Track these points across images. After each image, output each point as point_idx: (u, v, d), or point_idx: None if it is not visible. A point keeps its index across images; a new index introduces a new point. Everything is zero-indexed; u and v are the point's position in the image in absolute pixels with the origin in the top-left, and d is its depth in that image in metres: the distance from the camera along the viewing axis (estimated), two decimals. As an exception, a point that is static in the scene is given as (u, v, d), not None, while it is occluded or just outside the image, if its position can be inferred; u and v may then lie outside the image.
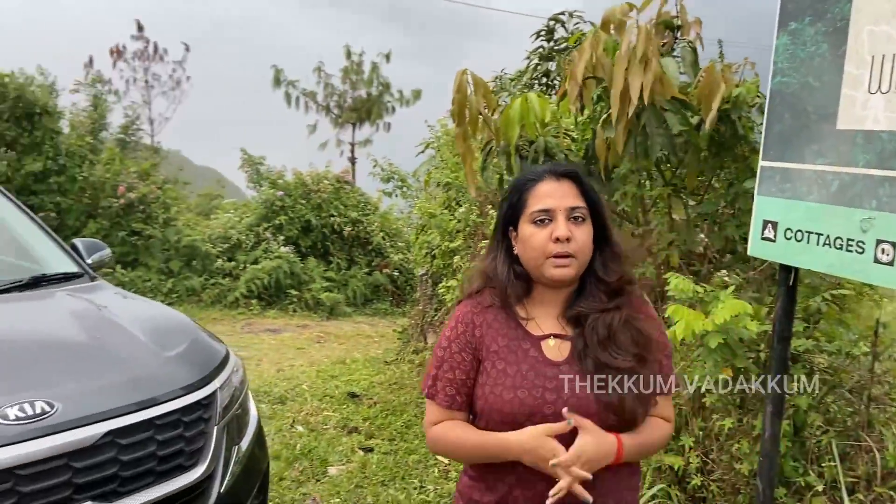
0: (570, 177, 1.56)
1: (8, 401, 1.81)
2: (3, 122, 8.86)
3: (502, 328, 1.56)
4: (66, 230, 9.83)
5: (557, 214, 1.50)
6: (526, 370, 1.50)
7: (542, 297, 1.58)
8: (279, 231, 11.30)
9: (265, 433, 4.82)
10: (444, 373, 1.57)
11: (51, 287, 2.80)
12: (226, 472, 2.25)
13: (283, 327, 9.73)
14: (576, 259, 1.50)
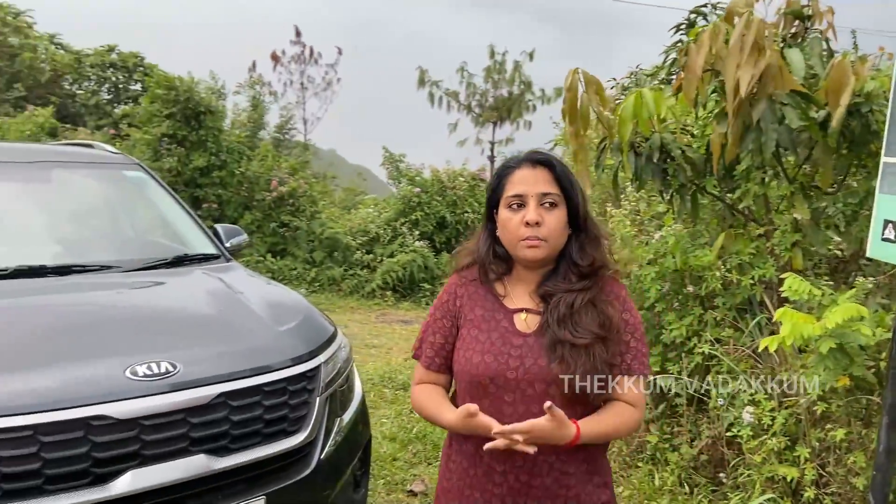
0: (545, 164, 1.65)
1: (139, 360, 2.09)
2: (175, 121, 9.85)
3: (481, 300, 1.70)
4: (225, 220, 10.76)
5: (529, 200, 1.61)
6: (495, 338, 1.63)
7: (520, 275, 1.70)
8: (415, 226, 11.67)
9: (387, 416, 5.12)
10: (428, 336, 1.75)
11: (191, 266, 3.14)
12: (327, 440, 2.44)
13: (415, 319, 10.05)
14: (546, 242, 1.61)
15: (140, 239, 3.44)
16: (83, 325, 2.31)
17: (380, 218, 11.78)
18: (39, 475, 1.84)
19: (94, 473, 1.91)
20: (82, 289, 2.68)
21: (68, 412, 1.89)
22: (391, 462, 4.26)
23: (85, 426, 1.91)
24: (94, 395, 1.95)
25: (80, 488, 1.89)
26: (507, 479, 1.61)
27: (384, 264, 11.06)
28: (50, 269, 2.76)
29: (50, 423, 1.86)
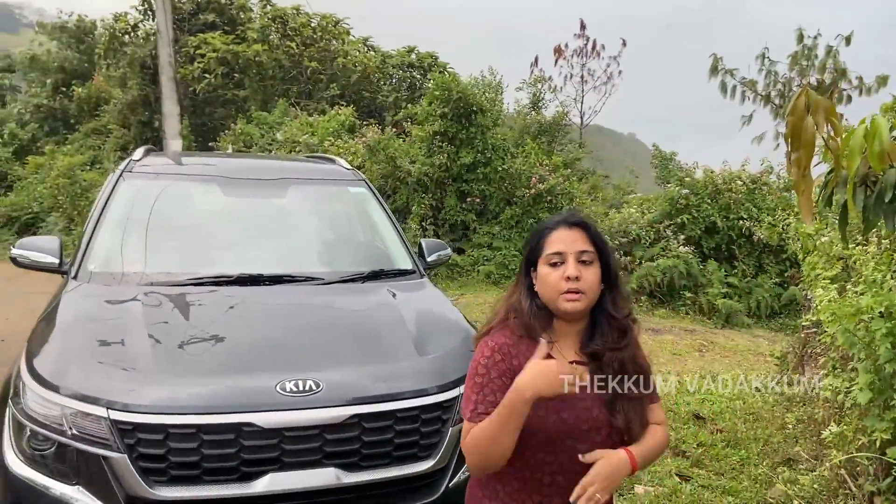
0: (580, 225, 1.80)
1: (290, 376, 2.39)
2: (447, 120, 10.59)
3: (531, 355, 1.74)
4: (487, 214, 11.34)
5: (568, 257, 1.75)
6: (564, 395, 1.66)
7: (562, 329, 1.80)
8: (680, 230, 11.06)
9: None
10: (486, 397, 1.75)
11: (381, 281, 3.44)
12: (458, 468, 2.54)
13: (668, 329, 9.58)
14: (584, 294, 1.74)
15: (349, 252, 3.84)
16: (259, 336, 2.70)
17: (643, 219, 11.38)
18: (198, 467, 2.23)
19: (241, 472, 2.26)
20: (277, 300, 3.11)
21: (225, 417, 2.25)
22: (580, 487, 4.19)
23: (236, 431, 2.26)
24: (248, 405, 2.29)
25: (229, 483, 2.25)
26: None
27: (642, 268, 10.69)
28: (266, 278, 3.25)
29: (209, 424, 2.24)
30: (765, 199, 11.26)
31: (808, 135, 3.13)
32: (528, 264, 1.83)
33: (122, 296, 2.95)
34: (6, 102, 29.70)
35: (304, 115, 13.07)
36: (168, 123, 11.61)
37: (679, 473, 4.49)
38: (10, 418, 2.38)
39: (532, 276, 1.82)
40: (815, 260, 5.71)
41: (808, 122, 3.12)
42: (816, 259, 5.60)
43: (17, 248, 3.36)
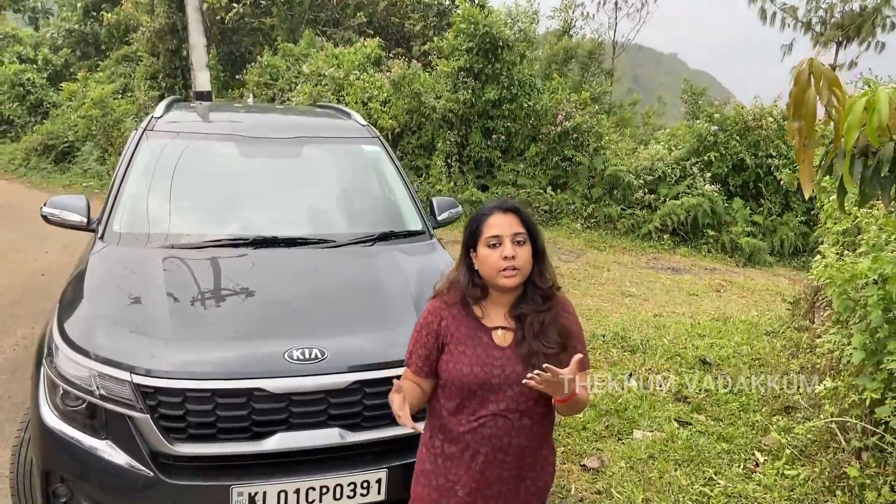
0: (513, 211, 2.08)
1: (297, 344, 2.59)
2: (473, 55, 10.45)
3: (464, 320, 2.11)
4: (512, 151, 11.32)
5: (504, 239, 2.03)
6: (479, 352, 2.05)
7: (495, 299, 2.12)
8: (707, 167, 10.95)
9: (602, 380, 5.21)
10: (417, 349, 2.14)
11: (391, 242, 3.58)
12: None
13: (688, 268, 9.65)
14: (519, 271, 2.03)
15: (361, 213, 3.96)
16: (270, 302, 2.90)
17: (670, 156, 11.26)
18: (214, 427, 2.47)
19: (252, 431, 2.49)
20: (299, 261, 3.30)
21: (237, 382, 2.48)
22: (579, 431, 4.39)
23: (248, 395, 2.48)
24: (258, 372, 2.50)
25: (242, 441, 2.49)
26: (488, 456, 2.07)
27: (666, 206, 10.66)
28: (281, 241, 3.42)
29: (223, 389, 2.46)
30: (796, 136, 11.02)
31: (809, 106, 3.15)
32: (468, 246, 2.12)
33: (144, 258, 3.15)
34: (39, 26, 29.76)
35: (330, 47, 12.96)
36: (195, 55, 11.67)
37: (678, 419, 4.68)
38: (45, 376, 2.64)
39: (472, 257, 2.11)
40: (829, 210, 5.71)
41: (811, 93, 3.13)
42: (829, 211, 5.61)
43: (47, 206, 3.58)
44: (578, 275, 8.61)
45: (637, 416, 4.65)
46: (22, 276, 7.10)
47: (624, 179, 10.74)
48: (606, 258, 9.65)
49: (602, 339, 6.12)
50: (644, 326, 6.61)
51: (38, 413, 2.58)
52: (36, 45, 22.86)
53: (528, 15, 12.28)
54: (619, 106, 13.24)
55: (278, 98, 12.47)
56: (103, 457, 2.45)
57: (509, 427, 2.06)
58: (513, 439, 2.07)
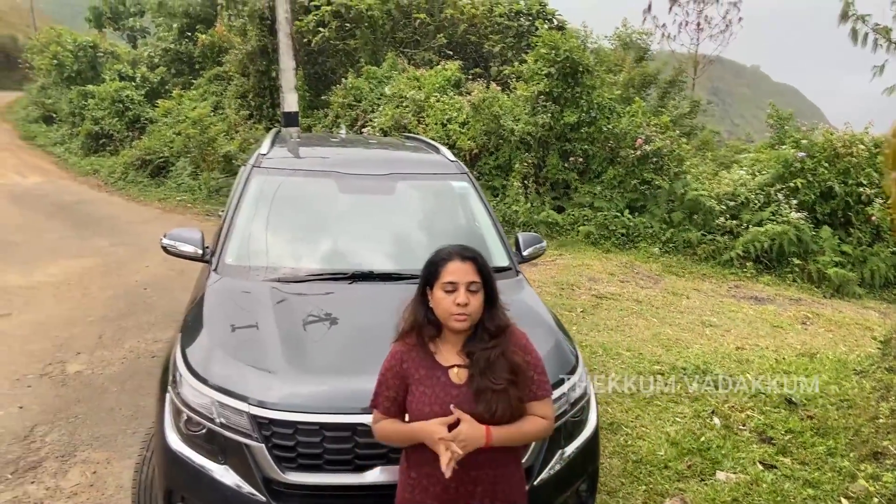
0: (471, 259, 2.26)
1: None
2: (553, 80, 10.54)
3: (423, 362, 2.29)
4: (589, 173, 11.32)
5: (460, 287, 2.21)
6: (438, 391, 2.23)
7: (448, 337, 2.30)
8: (793, 194, 10.65)
9: (682, 416, 5.18)
10: (383, 391, 2.33)
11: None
12: (542, 468, 2.84)
13: (772, 297, 9.39)
14: (470, 316, 2.22)
15: (450, 249, 4.13)
16: (371, 338, 3.06)
17: (753, 181, 11.00)
18: (321, 458, 2.65)
19: (355, 464, 2.66)
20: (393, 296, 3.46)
21: (343, 417, 2.65)
22: (661, 469, 4.40)
23: (352, 429, 2.65)
24: (361, 408, 2.67)
25: (345, 472, 2.66)
26: (459, 489, 2.24)
27: (749, 232, 10.42)
28: (378, 275, 3.61)
29: (330, 423, 2.64)
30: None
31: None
32: (425, 284, 2.31)
33: (254, 291, 3.40)
34: (137, 45, 31.56)
35: (412, 69, 13.29)
36: (284, 77, 12.17)
37: (763, 461, 4.62)
38: (170, 402, 2.89)
39: (428, 295, 2.30)
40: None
41: (912, 148, 3.13)
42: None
43: (167, 238, 3.88)
44: (656, 302, 8.53)
45: (720, 457, 4.60)
46: (127, 288, 7.60)
47: (705, 204, 10.57)
48: (685, 285, 9.51)
49: (683, 371, 6.07)
50: (726, 360, 6.51)
51: (162, 436, 2.83)
52: (133, 62, 24.26)
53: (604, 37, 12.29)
54: (700, 129, 13.03)
55: (360, 118, 12.87)
56: (221, 480, 2.67)
57: (474, 460, 2.20)
58: (480, 471, 2.23)
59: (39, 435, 4.32)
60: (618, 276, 9.46)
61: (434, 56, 15.31)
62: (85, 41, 24.16)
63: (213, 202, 13.40)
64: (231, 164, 14.06)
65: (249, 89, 16.21)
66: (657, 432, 4.89)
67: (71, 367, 5.39)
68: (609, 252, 10.56)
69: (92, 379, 5.20)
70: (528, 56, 11.63)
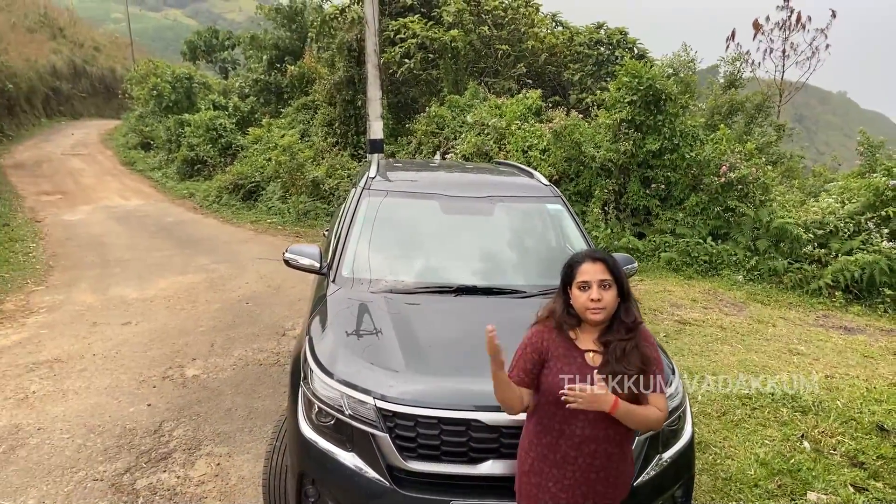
0: (601, 260, 2.54)
1: None
2: (636, 108, 10.69)
3: (562, 343, 2.57)
4: (671, 200, 11.34)
5: (593, 284, 2.49)
6: (574, 368, 2.51)
7: (587, 327, 2.58)
8: (885, 223, 10.38)
9: (771, 438, 5.22)
10: (520, 363, 2.60)
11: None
12: (640, 472, 3.02)
13: (862, 328, 9.16)
14: (604, 310, 2.49)
15: (546, 267, 4.34)
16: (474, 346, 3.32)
17: (842, 210, 10.79)
18: (438, 449, 2.92)
19: (469, 456, 2.92)
20: (495, 309, 3.74)
21: (458, 413, 2.92)
22: (751, 487, 4.47)
23: (466, 424, 2.92)
24: (475, 405, 2.93)
25: (460, 463, 2.92)
26: (577, 460, 2.50)
27: (838, 261, 10.21)
28: (479, 289, 3.90)
29: (447, 418, 2.91)
30: None
31: None
32: (564, 285, 2.61)
33: (370, 300, 3.73)
34: (229, 75, 33.35)
35: (493, 98, 13.67)
36: (371, 107, 12.76)
37: (854, 484, 4.61)
38: (302, 395, 3.22)
39: (568, 292, 2.58)
40: None
41: None
42: None
43: (288, 253, 4.27)
44: (742, 329, 8.48)
45: (811, 478, 4.63)
46: (231, 302, 8.15)
47: (792, 232, 10.43)
48: (771, 313, 9.40)
49: (771, 397, 6.07)
50: (815, 388, 6.45)
51: (296, 425, 3.17)
52: (223, 91, 25.69)
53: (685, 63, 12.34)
54: (788, 157, 12.86)
55: (443, 146, 13.31)
56: (349, 465, 2.97)
57: (598, 436, 2.46)
58: (599, 445, 2.47)
59: (167, 430, 4.77)
60: (700, 303, 9.44)
61: (514, 85, 15.68)
62: (182, 73, 25.73)
63: (303, 224, 14.05)
64: (318, 189, 14.73)
65: (335, 118, 16.97)
66: (746, 453, 4.95)
67: (189, 371, 5.87)
68: (691, 279, 10.53)
69: (208, 382, 5.65)
70: (610, 84, 11.81)
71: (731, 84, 12.81)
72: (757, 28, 15.18)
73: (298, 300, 8.31)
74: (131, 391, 5.43)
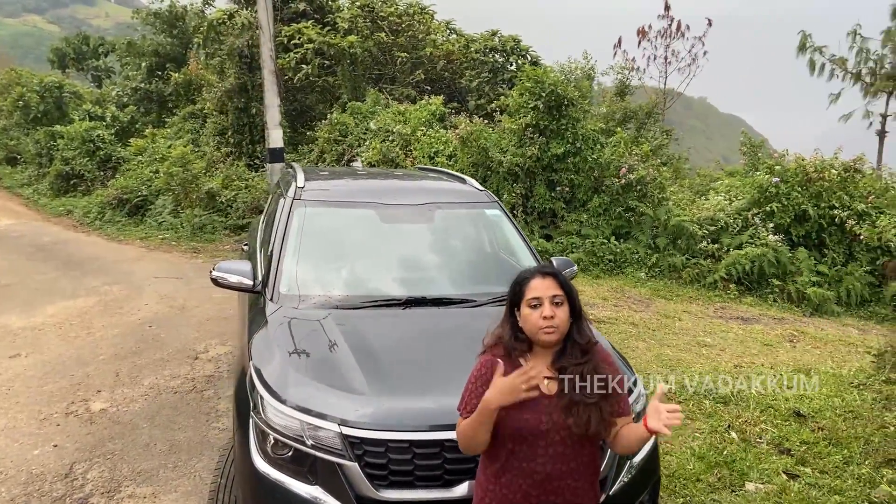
0: (551, 275, 2.33)
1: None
2: (540, 112, 10.87)
3: (512, 372, 2.24)
4: (575, 202, 11.63)
5: (544, 301, 2.27)
6: (529, 400, 2.20)
7: (538, 352, 2.35)
8: (769, 217, 11.09)
9: (701, 431, 5.36)
10: (471, 399, 2.35)
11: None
12: (616, 478, 2.97)
13: (756, 317, 9.72)
14: (558, 328, 2.27)
15: (492, 274, 4.27)
16: (441, 357, 3.19)
17: (731, 206, 11.44)
18: (412, 474, 2.74)
19: (444, 479, 2.76)
20: (448, 321, 3.59)
21: (431, 434, 2.75)
22: (694, 482, 4.55)
23: (440, 445, 2.75)
24: (448, 424, 2.77)
25: (435, 488, 2.75)
26: (540, 499, 2.28)
27: (730, 255, 10.79)
28: (429, 301, 3.74)
29: (420, 440, 2.74)
30: (857, 186, 11.15)
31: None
32: (512, 306, 2.38)
33: (317, 318, 3.49)
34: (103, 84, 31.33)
35: (396, 105, 13.53)
36: (269, 114, 12.29)
37: (786, 472, 4.80)
38: (254, 426, 2.95)
39: (517, 315, 2.36)
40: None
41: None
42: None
43: (216, 271, 3.94)
44: (651, 324, 8.77)
45: (745, 468, 4.77)
46: (131, 327, 7.53)
47: (687, 229, 10.93)
48: (675, 307, 9.79)
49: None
50: (728, 377, 6.72)
51: (248, 459, 2.89)
52: (98, 101, 24.10)
53: (585, 71, 12.73)
54: (676, 158, 13.52)
55: (347, 153, 13.02)
56: (314, 501, 2.73)
57: (561, 471, 2.27)
58: (563, 482, 2.28)
59: (80, 472, 4.28)
60: (611, 301, 9.70)
61: (412, 91, 15.61)
62: (51, 81, 23.89)
63: (199, 239, 13.31)
64: (214, 201, 14.02)
65: (228, 126, 16.25)
66: (681, 447, 5.05)
67: (95, 405, 5.33)
68: (599, 278, 10.81)
69: (119, 416, 5.15)
70: (513, 90, 11.97)
71: (620, 92, 13.34)
72: (642, 35, 15.90)
73: (207, 320, 7.81)
74: (32, 431, 4.86)
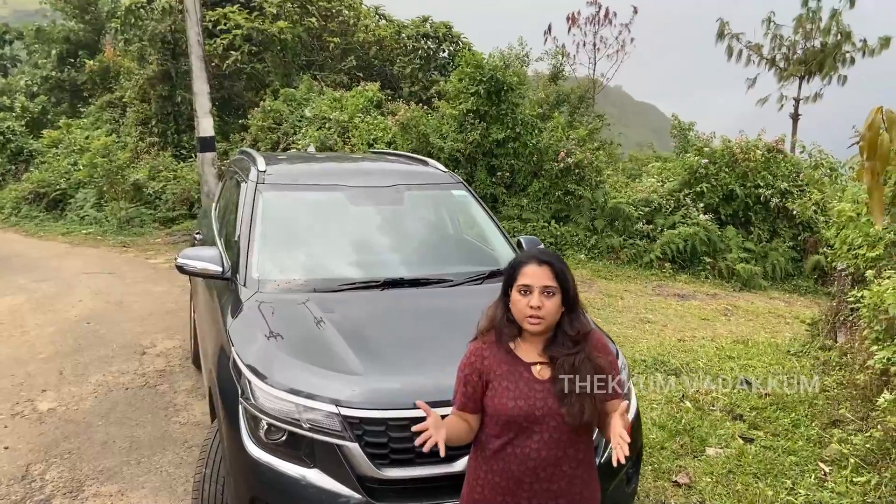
0: (548, 263, 2.20)
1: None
2: (479, 98, 10.91)
3: (504, 358, 2.26)
4: (516, 186, 11.76)
5: (534, 290, 2.16)
6: (522, 386, 2.20)
7: (528, 337, 2.26)
8: (699, 198, 11.53)
9: (657, 403, 5.55)
10: (461, 387, 2.29)
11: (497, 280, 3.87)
12: (604, 450, 3.04)
13: (692, 294, 10.12)
14: (544, 320, 2.17)
15: (465, 254, 4.29)
16: (425, 339, 3.17)
17: (663, 188, 11.83)
18: (412, 451, 2.72)
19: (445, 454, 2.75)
20: (428, 300, 3.58)
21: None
22: (659, 450, 4.71)
23: None
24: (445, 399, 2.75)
25: (435, 464, 2.74)
26: (533, 486, 2.21)
27: (664, 235, 11.18)
28: (406, 282, 3.71)
29: (419, 417, 2.71)
30: (780, 166, 11.72)
31: (883, 148, 3.62)
32: (506, 286, 2.29)
33: (297, 301, 3.40)
34: (8, 73, 29.46)
35: (330, 91, 13.31)
36: (199, 102, 11.86)
37: (742, 436, 5.03)
38: (244, 412, 2.85)
39: (509, 296, 2.26)
40: (850, 235, 6.18)
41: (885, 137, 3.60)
42: (853, 234, 6.08)
43: (181, 258, 3.78)
44: (596, 304, 8.99)
45: (704, 435, 4.98)
46: (67, 324, 7.15)
47: (624, 211, 11.25)
48: (616, 287, 10.08)
49: (643, 363, 6.46)
50: (675, 352, 6.98)
51: (240, 446, 2.80)
52: (4, 91, 22.72)
53: (520, 58, 12.86)
54: (609, 143, 13.86)
55: (282, 141, 12.73)
56: (313, 483, 2.67)
57: (556, 457, 2.17)
58: (559, 468, 2.18)
59: (37, 473, 4.05)
60: (555, 283, 9.88)
61: (345, 78, 15.39)
62: (-50, 71, 22.38)
63: (127, 233, 12.76)
64: (141, 193, 13.47)
65: (151, 115, 15.61)
66: (643, 418, 5.21)
67: (42, 405, 5.05)
68: (541, 261, 10.99)
69: (69, 415, 4.90)
70: (452, 75, 11.97)
71: (554, 77, 13.56)
72: (572, 21, 16.19)
73: (149, 315, 7.51)
74: (-24, 436, 4.56)
